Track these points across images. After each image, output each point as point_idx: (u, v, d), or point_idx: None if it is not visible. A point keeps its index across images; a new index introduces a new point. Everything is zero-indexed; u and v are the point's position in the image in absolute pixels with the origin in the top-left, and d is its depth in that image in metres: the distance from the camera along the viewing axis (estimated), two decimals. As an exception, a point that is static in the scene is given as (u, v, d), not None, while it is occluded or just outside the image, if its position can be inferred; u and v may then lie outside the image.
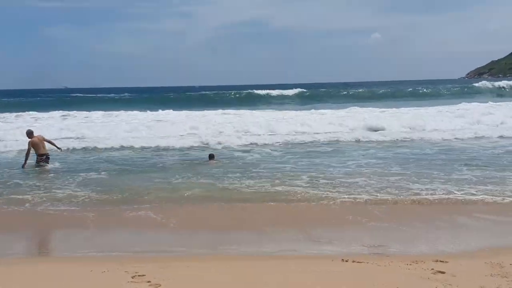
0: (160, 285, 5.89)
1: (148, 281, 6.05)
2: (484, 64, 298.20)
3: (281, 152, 18.66)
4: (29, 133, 16.43)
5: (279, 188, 12.02)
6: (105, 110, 37.30)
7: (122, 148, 20.84)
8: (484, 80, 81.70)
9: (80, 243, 8.75)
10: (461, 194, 11.11)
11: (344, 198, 10.95)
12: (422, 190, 11.53)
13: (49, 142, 16.80)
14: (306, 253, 7.85)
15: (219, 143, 21.32)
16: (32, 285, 6.25)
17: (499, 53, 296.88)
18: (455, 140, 21.31)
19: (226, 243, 8.63)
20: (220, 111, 36.30)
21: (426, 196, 11.02)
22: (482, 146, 19.10)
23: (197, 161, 17.07)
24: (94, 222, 9.86)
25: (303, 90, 63.72)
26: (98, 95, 71.18)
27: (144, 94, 72.61)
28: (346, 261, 6.85)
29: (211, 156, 16.89)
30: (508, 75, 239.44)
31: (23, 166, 15.40)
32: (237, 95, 60.84)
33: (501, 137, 21.76)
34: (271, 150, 19.31)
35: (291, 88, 64.59)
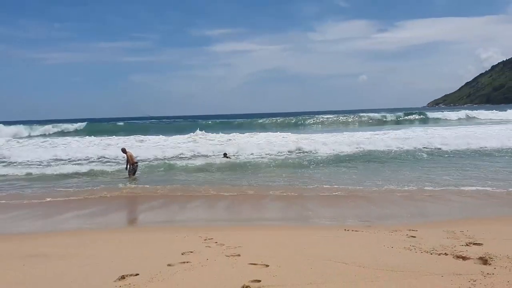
0: (223, 244, 6.14)
1: (216, 242, 6.35)
2: (440, 96, 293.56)
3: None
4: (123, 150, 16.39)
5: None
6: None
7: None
8: (440, 108, 79.46)
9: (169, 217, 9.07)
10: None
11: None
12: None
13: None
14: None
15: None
16: (142, 246, 6.47)
17: (451, 89, 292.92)
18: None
19: (264, 219, 8.88)
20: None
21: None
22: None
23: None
24: (177, 204, 10.26)
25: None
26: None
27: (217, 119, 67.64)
28: (347, 230, 7.03)
29: (225, 154, 19.10)
30: (457, 104, 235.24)
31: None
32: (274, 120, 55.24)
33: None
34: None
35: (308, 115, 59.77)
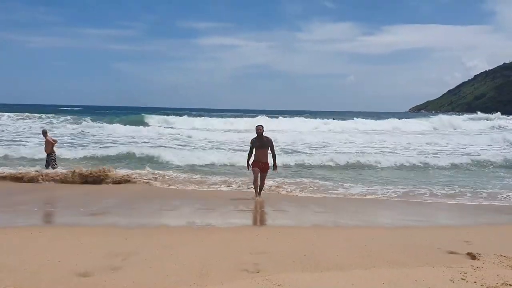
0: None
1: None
2: (422, 102, 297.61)
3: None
4: None
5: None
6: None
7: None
8: (421, 114, 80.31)
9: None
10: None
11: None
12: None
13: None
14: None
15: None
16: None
17: (433, 95, 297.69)
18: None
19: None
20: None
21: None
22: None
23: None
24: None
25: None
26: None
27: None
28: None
29: None
30: (438, 111, 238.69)
31: None
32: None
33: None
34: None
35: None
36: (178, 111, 73.11)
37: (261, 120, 37.31)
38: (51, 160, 13.14)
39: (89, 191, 10.53)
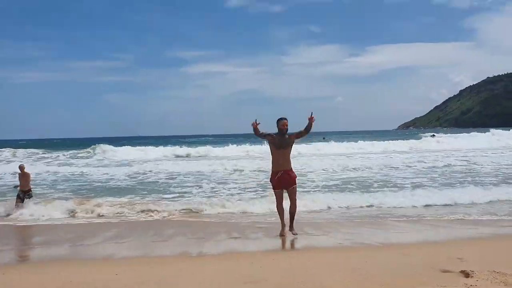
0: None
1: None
2: (410, 119, 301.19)
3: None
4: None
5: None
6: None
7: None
8: (410, 130, 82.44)
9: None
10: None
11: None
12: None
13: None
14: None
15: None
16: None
17: (421, 112, 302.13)
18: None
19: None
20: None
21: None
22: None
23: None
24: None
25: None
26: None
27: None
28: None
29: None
30: (427, 127, 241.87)
31: None
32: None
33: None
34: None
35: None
36: (167, 138, 73.43)
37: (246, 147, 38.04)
38: (28, 197, 11.96)
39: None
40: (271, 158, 7.68)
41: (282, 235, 7.44)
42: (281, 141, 7.45)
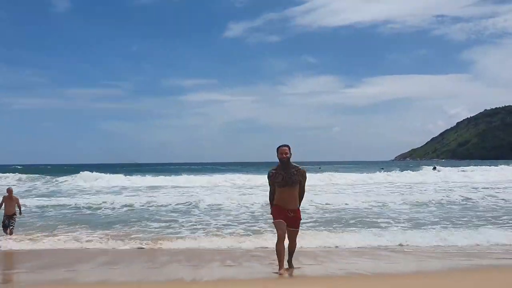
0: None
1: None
2: (407, 150, 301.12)
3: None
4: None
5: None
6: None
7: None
8: (407, 161, 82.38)
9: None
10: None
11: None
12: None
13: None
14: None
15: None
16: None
17: (418, 143, 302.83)
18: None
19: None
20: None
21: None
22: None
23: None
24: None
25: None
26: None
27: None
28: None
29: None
30: (423, 158, 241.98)
31: None
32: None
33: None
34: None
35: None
36: (165, 166, 73.39)
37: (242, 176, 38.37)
38: (13, 222, 11.65)
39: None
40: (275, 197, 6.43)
41: (280, 273, 6.41)
42: (285, 178, 6.17)
